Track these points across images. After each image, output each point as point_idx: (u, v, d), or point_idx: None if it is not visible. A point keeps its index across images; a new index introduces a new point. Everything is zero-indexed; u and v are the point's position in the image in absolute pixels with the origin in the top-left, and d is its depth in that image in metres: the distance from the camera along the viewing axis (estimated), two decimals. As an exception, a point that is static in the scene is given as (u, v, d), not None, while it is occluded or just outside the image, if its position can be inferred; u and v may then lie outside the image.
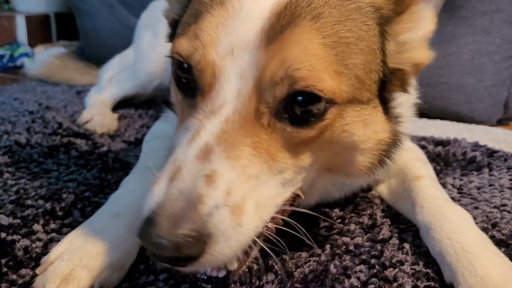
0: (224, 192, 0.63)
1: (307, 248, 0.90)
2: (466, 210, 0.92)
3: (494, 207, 1.04)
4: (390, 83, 0.80)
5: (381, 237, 0.93)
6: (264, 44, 0.67)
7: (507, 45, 1.91)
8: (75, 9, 2.70)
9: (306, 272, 0.82)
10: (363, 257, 0.85)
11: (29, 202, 1.06)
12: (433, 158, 1.34)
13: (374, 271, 0.81)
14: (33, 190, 1.13)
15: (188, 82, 0.73)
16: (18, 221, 0.97)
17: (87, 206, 1.05)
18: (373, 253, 0.87)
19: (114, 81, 2.00)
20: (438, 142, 1.48)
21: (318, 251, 0.88)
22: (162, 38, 0.97)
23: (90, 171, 1.26)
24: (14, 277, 0.81)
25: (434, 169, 1.18)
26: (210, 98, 0.69)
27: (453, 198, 1.03)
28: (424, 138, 1.52)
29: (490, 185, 1.17)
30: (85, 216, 1.00)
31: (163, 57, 1.18)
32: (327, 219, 0.99)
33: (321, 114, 0.69)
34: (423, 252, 0.88)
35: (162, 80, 1.88)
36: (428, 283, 0.79)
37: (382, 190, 1.13)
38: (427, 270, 0.83)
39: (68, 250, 0.79)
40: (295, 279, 0.80)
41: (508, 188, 1.14)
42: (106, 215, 0.89)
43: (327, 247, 0.89)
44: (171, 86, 0.84)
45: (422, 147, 1.36)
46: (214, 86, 0.68)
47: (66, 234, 0.85)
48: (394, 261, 0.84)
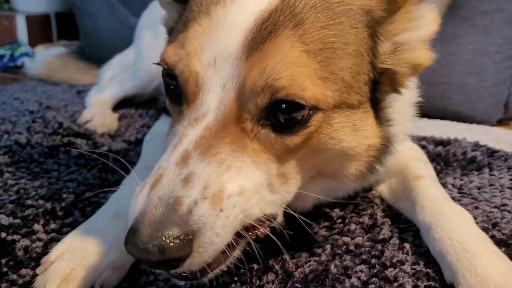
0: (201, 187, 0.63)
1: (307, 248, 0.90)
2: (467, 210, 0.91)
3: (495, 207, 1.04)
4: (382, 84, 0.79)
5: (381, 237, 0.93)
6: (245, 55, 0.67)
7: (508, 45, 1.90)
8: (76, 8, 2.69)
9: (307, 272, 0.82)
10: (364, 257, 0.85)
11: (29, 202, 1.06)
12: (433, 158, 1.34)
13: (375, 271, 0.81)
14: (33, 190, 1.13)
15: (175, 89, 0.74)
16: (18, 221, 0.97)
17: (87, 206, 1.05)
18: (373, 253, 0.87)
19: (114, 80, 2.00)
20: (439, 142, 1.47)
21: (319, 251, 0.88)
22: (162, 38, 0.96)
23: (90, 171, 1.26)
24: (14, 277, 0.80)
25: (435, 169, 1.18)
26: (195, 106, 0.69)
27: (453, 198, 1.03)
28: (424, 138, 1.51)
29: (491, 185, 1.16)
30: (85, 216, 1.00)
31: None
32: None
33: (305, 121, 0.69)
34: (424, 252, 0.88)
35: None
36: (428, 283, 0.79)
37: (383, 190, 1.13)
38: (428, 270, 0.82)
39: (68, 250, 0.80)
40: (296, 279, 0.80)
41: (508, 188, 1.13)
42: (107, 215, 0.89)
43: (328, 247, 0.89)
44: (164, 91, 0.85)
45: (423, 147, 1.36)
46: (198, 95, 0.69)
47: (67, 234, 0.85)
48: (394, 261, 0.84)
